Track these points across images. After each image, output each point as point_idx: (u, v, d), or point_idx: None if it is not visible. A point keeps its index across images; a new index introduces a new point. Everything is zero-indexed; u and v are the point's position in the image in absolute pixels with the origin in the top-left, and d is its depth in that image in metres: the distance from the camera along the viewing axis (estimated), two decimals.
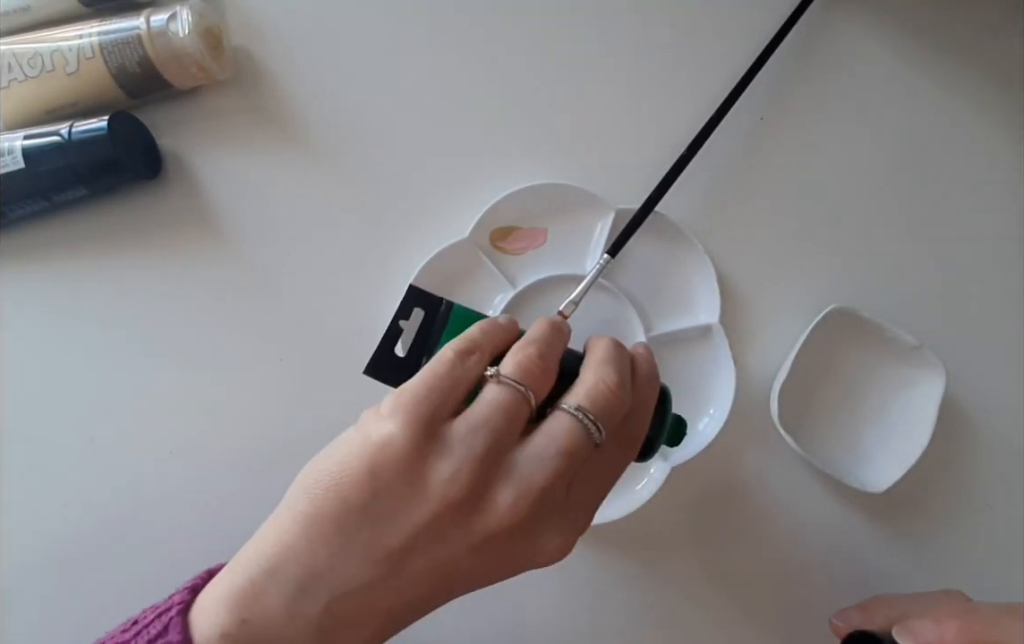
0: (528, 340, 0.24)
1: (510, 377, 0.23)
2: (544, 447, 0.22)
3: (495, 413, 0.22)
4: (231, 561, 0.22)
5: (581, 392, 0.23)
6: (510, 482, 0.21)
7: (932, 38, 0.42)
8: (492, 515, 0.21)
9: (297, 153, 0.38)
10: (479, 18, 0.40)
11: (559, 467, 0.22)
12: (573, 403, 0.23)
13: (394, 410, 0.21)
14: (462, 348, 0.23)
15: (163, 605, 0.22)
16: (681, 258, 0.38)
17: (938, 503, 0.39)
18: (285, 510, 0.22)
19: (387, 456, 0.21)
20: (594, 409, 0.23)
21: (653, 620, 0.37)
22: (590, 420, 0.23)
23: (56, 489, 0.35)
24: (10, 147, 0.33)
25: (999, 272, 0.41)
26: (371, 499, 0.21)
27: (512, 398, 0.22)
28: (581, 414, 0.23)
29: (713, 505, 0.38)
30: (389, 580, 0.21)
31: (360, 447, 0.21)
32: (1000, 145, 0.42)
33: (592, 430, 0.23)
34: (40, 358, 0.36)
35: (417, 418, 0.21)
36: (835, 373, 0.38)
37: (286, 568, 0.21)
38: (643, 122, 0.40)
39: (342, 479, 0.21)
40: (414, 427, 0.21)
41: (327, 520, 0.21)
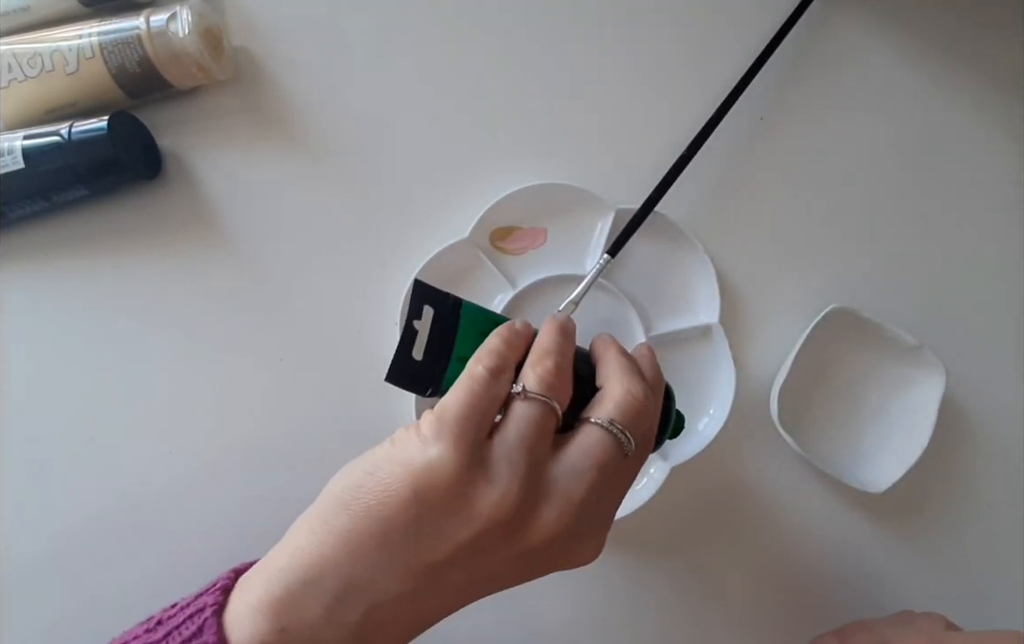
0: (544, 351, 0.25)
1: (537, 392, 0.23)
2: (580, 461, 0.23)
3: (529, 430, 0.22)
4: (260, 568, 0.23)
5: (611, 404, 0.24)
6: (552, 498, 0.22)
7: (932, 38, 0.42)
8: (536, 531, 0.22)
9: (297, 153, 0.38)
10: (479, 18, 0.40)
11: (595, 479, 0.22)
12: (604, 417, 0.23)
13: (439, 433, 0.21)
14: (494, 365, 0.23)
15: (192, 605, 0.22)
16: (681, 258, 0.38)
17: (938, 503, 0.39)
18: (321, 523, 0.22)
19: (434, 480, 0.21)
20: (625, 421, 0.23)
21: (653, 619, 0.37)
22: (622, 432, 0.23)
23: (56, 489, 0.35)
24: (10, 147, 0.33)
25: (999, 272, 0.41)
26: (415, 519, 0.21)
27: (542, 413, 0.23)
28: (614, 428, 0.23)
29: (713, 505, 0.38)
30: (428, 590, 0.22)
31: (404, 469, 0.21)
32: (1000, 145, 0.42)
33: (624, 442, 0.23)
34: (40, 358, 0.36)
35: (462, 441, 0.21)
36: (835, 373, 0.38)
37: (325, 579, 0.21)
38: (643, 122, 0.40)
39: (386, 499, 0.21)
40: (460, 451, 0.21)
41: (369, 537, 0.21)
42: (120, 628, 0.25)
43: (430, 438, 0.21)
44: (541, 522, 0.22)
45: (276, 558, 0.22)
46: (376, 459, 0.22)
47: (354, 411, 0.36)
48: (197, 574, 0.34)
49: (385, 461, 0.22)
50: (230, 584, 0.23)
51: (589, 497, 0.22)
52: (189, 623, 0.21)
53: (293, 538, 0.23)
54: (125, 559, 0.35)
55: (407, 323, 0.26)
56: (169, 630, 0.21)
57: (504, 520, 0.21)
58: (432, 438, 0.21)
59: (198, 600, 0.22)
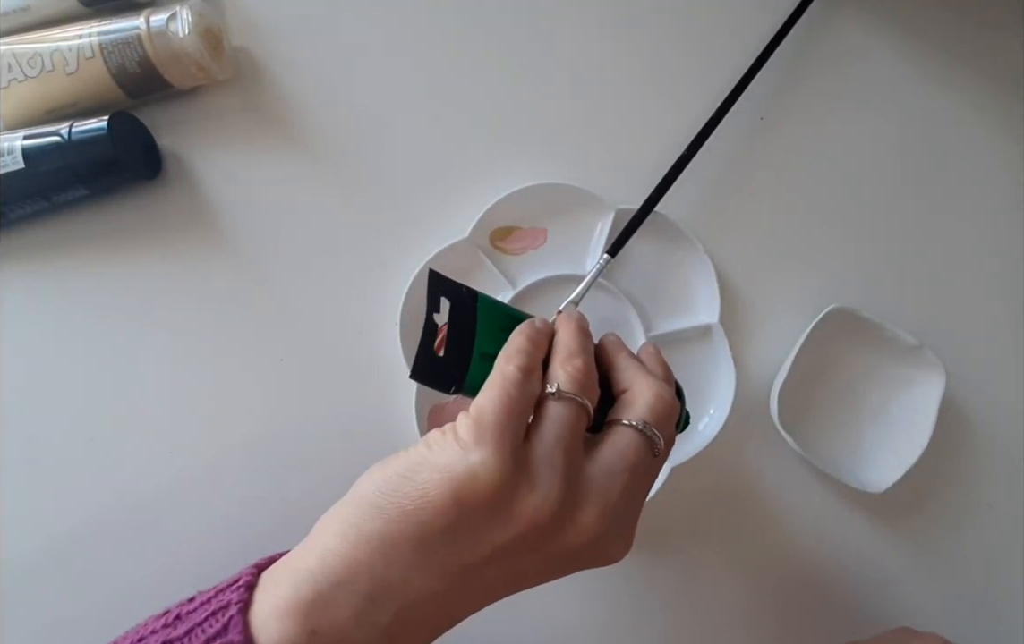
0: (571, 350, 0.25)
1: (570, 392, 0.23)
2: (615, 462, 0.23)
3: (565, 431, 0.23)
4: (286, 568, 0.22)
5: (643, 406, 0.24)
6: (590, 500, 0.22)
7: (932, 38, 0.42)
8: (574, 533, 0.22)
9: (297, 153, 0.38)
10: (479, 18, 0.40)
11: (628, 480, 0.23)
12: (637, 418, 0.24)
13: (480, 438, 0.21)
14: (525, 365, 0.23)
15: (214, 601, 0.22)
16: (681, 258, 0.38)
17: (938, 503, 0.39)
18: (352, 526, 0.22)
19: (476, 486, 0.21)
20: (656, 422, 0.24)
21: (652, 619, 0.37)
22: (654, 434, 0.24)
23: (56, 489, 0.35)
24: (10, 147, 0.33)
25: (999, 272, 0.41)
26: (454, 524, 0.21)
27: (575, 412, 0.23)
28: (647, 429, 0.24)
29: (713, 505, 0.38)
30: (460, 590, 0.22)
31: (444, 474, 0.21)
32: (1000, 145, 0.42)
33: (657, 443, 0.24)
34: (40, 358, 0.36)
35: (504, 446, 0.21)
36: (835, 373, 0.38)
37: (357, 581, 0.21)
38: (643, 122, 0.40)
39: (423, 505, 0.21)
40: (502, 457, 0.21)
41: (404, 541, 0.21)
42: (121, 628, 0.25)
43: (470, 443, 0.21)
44: (579, 524, 0.22)
45: (303, 558, 0.22)
46: (411, 463, 0.22)
47: (354, 411, 0.36)
48: (197, 574, 0.34)
49: (422, 466, 0.22)
50: (253, 580, 0.23)
51: (623, 497, 0.23)
52: (212, 621, 0.21)
53: (321, 538, 0.22)
54: (125, 559, 0.35)
55: (427, 317, 0.25)
56: (191, 626, 0.21)
57: (544, 522, 0.21)
58: (472, 443, 0.21)
59: (220, 596, 0.22)
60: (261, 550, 0.28)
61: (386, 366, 0.36)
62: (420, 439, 0.23)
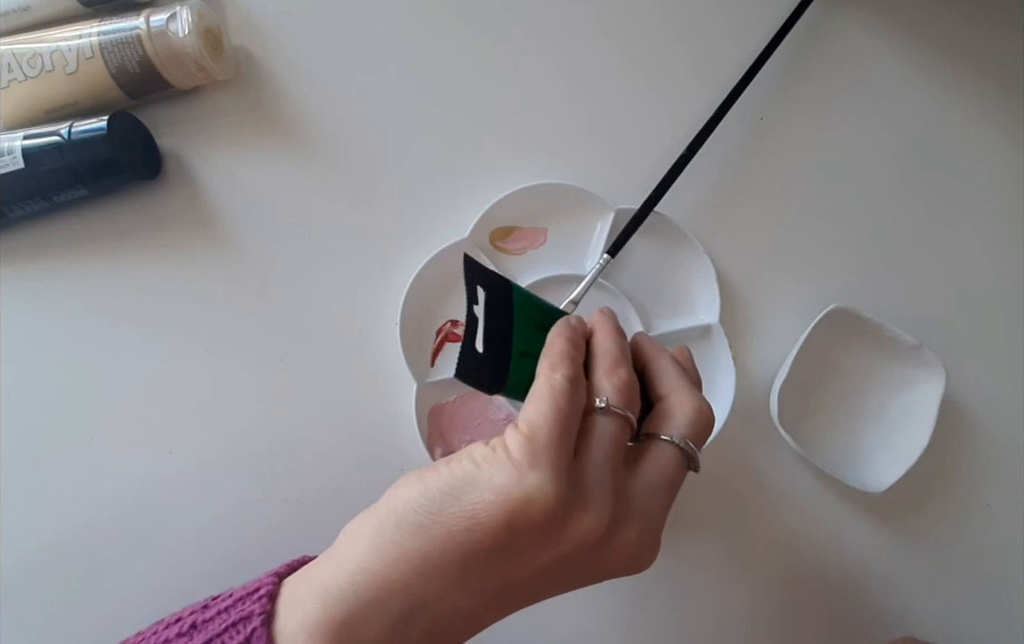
0: (615, 358, 0.24)
1: (618, 407, 0.23)
2: (656, 478, 0.23)
3: (613, 448, 0.22)
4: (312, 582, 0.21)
5: (683, 421, 0.24)
6: (634, 518, 0.22)
7: (931, 38, 0.42)
8: (617, 551, 0.22)
9: (297, 153, 0.38)
10: (479, 19, 0.40)
11: (667, 496, 0.23)
12: (678, 434, 0.23)
13: (535, 459, 0.20)
14: (572, 374, 0.23)
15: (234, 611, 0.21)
16: (681, 258, 0.38)
17: (938, 503, 0.39)
18: (390, 543, 0.21)
19: (532, 511, 0.20)
20: (695, 439, 0.24)
21: (651, 618, 0.37)
22: (694, 450, 0.23)
23: (56, 489, 0.35)
24: (10, 147, 0.33)
25: (999, 272, 0.41)
26: (503, 545, 0.20)
27: (621, 428, 0.23)
28: (687, 446, 0.23)
29: (712, 504, 0.38)
30: (495, 604, 0.21)
31: (497, 496, 0.20)
32: (1000, 145, 0.42)
33: (695, 459, 0.24)
34: (40, 358, 0.36)
35: (559, 468, 0.20)
36: (835, 373, 0.38)
37: (392, 601, 0.20)
38: (643, 122, 0.40)
39: (473, 526, 0.20)
40: (559, 479, 0.20)
41: (448, 563, 0.20)
42: (120, 627, 0.25)
43: (525, 465, 0.20)
44: (623, 541, 0.22)
45: (332, 574, 0.21)
46: (458, 480, 0.21)
47: (354, 411, 0.36)
48: (197, 573, 0.35)
49: (470, 485, 0.21)
50: (275, 589, 0.22)
51: (661, 512, 0.23)
52: (233, 631, 0.20)
53: (352, 553, 0.21)
54: (125, 559, 0.35)
55: (468, 310, 0.24)
56: (209, 637, 0.20)
57: (592, 542, 0.21)
58: (528, 465, 0.20)
59: (240, 606, 0.21)
60: (261, 550, 0.28)
61: (386, 366, 0.36)
62: (462, 453, 0.22)
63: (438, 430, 0.36)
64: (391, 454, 0.36)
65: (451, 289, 0.37)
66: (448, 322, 0.37)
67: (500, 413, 0.37)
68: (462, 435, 0.36)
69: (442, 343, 0.37)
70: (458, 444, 0.36)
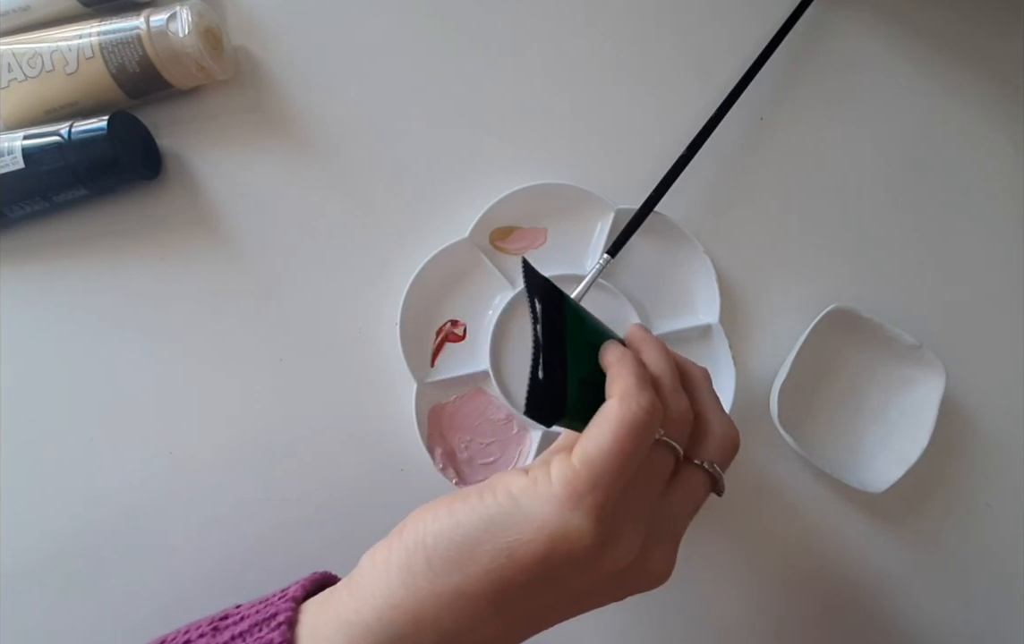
0: (674, 387, 0.23)
1: (672, 440, 0.22)
2: (687, 505, 0.23)
3: (658, 480, 0.22)
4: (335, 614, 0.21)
5: (715, 447, 0.23)
6: (661, 543, 0.22)
7: (931, 38, 0.42)
8: (644, 576, 0.21)
9: (297, 153, 0.38)
10: (479, 19, 0.40)
11: (691, 517, 0.23)
12: (709, 459, 0.23)
13: (580, 497, 0.19)
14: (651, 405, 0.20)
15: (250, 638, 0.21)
16: (681, 258, 0.38)
17: (938, 503, 0.39)
18: (423, 579, 0.20)
19: (570, 550, 0.19)
20: (723, 464, 0.24)
21: (650, 618, 0.37)
22: (720, 474, 0.23)
23: (56, 489, 0.35)
24: (10, 147, 0.33)
25: (999, 272, 0.41)
26: (539, 581, 0.20)
27: (671, 460, 0.22)
28: (715, 470, 0.23)
29: (712, 504, 0.37)
30: (522, 630, 0.21)
31: (536, 532, 0.19)
32: (1000, 145, 0.42)
33: (721, 484, 0.23)
34: (40, 358, 0.36)
35: (604, 507, 0.19)
36: (835, 373, 0.38)
37: (423, 635, 0.20)
38: (643, 122, 0.40)
39: (510, 563, 0.19)
40: (601, 517, 0.19)
41: (482, 597, 0.20)
42: (119, 627, 0.24)
43: (567, 502, 0.19)
44: (648, 568, 0.21)
45: (357, 608, 0.20)
46: (493, 517, 0.20)
47: (354, 411, 0.36)
48: (197, 573, 0.35)
49: (508, 522, 0.20)
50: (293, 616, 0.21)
51: (683, 532, 0.23)
52: None
53: (379, 589, 0.20)
54: (125, 559, 0.35)
55: (534, 330, 0.21)
56: None
57: (617, 571, 0.21)
58: (570, 502, 0.19)
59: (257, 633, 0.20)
60: (261, 550, 0.28)
61: (386, 366, 0.36)
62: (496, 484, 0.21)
63: (438, 430, 0.36)
64: (391, 454, 0.36)
65: (451, 289, 0.37)
66: (448, 322, 0.37)
67: (500, 413, 0.37)
68: (462, 435, 0.36)
69: (442, 343, 0.37)
70: (458, 444, 0.36)
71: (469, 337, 0.37)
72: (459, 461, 0.36)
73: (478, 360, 0.36)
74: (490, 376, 0.36)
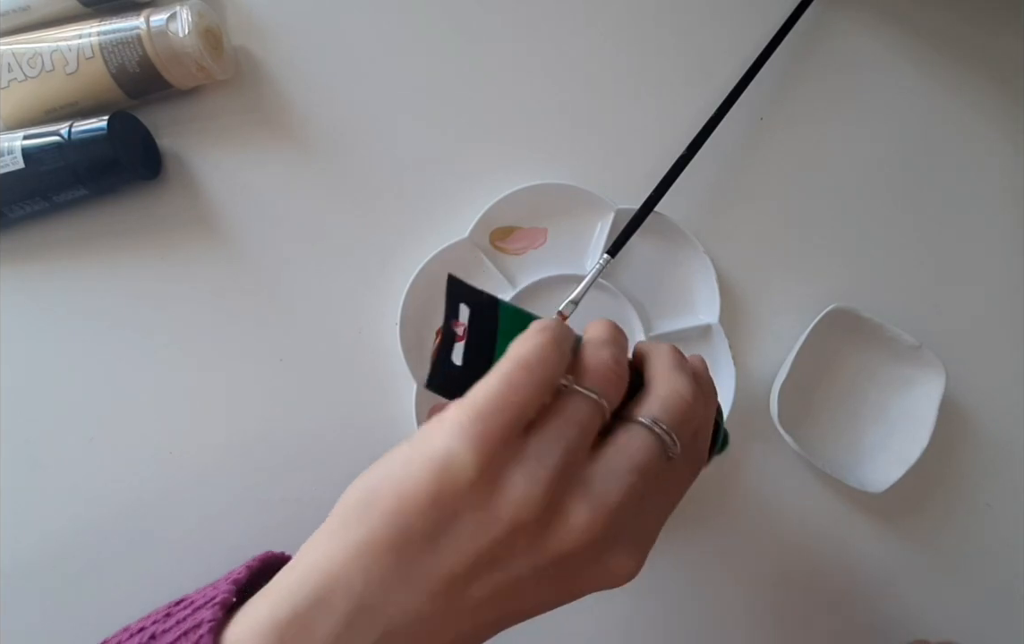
0: (600, 340, 0.22)
1: (586, 387, 0.21)
2: (619, 461, 0.20)
3: (570, 427, 0.20)
4: (268, 587, 0.20)
5: (655, 403, 0.21)
6: (584, 500, 0.19)
7: (931, 38, 0.42)
8: (564, 535, 0.19)
9: (297, 153, 0.38)
10: (479, 18, 0.40)
11: (634, 483, 0.20)
12: (647, 415, 0.21)
13: (460, 427, 0.19)
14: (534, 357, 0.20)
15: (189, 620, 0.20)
16: (681, 258, 0.38)
17: (938, 503, 0.39)
18: (331, 536, 0.20)
19: (453, 478, 0.19)
20: (670, 421, 0.21)
21: (650, 618, 0.37)
22: (665, 432, 0.21)
23: (56, 489, 0.35)
24: (10, 147, 0.33)
25: (999, 272, 0.41)
26: (434, 524, 0.19)
27: (587, 409, 0.20)
28: (657, 426, 0.21)
29: (712, 505, 0.38)
30: (448, 611, 0.20)
31: (421, 469, 0.19)
32: (1000, 145, 0.42)
33: (668, 442, 0.21)
34: (40, 358, 0.36)
35: (486, 436, 0.19)
36: (835, 373, 0.38)
37: (334, 599, 0.19)
38: (643, 122, 0.40)
39: (402, 504, 0.19)
40: (483, 446, 0.19)
41: (383, 547, 0.19)
42: (120, 628, 0.24)
43: (454, 431, 0.19)
44: (568, 525, 0.19)
45: (285, 576, 0.20)
46: (392, 461, 0.20)
47: (354, 411, 0.36)
48: (197, 573, 0.34)
49: (402, 462, 0.20)
50: (228, 597, 0.21)
51: (626, 502, 0.20)
52: (184, 641, 0.19)
53: (304, 555, 0.20)
54: (125, 559, 0.35)
55: (446, 324, 0.24)
56: None
57: (527, 522, 0.19)
58: (456, 431, 0.19)
59: (195, 614, 0.20)
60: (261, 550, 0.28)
61: (386, 366, 0.36)
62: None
63: None
64: None
65: None
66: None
67: None
68: None
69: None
70: None
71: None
72: None
73: None
74: None
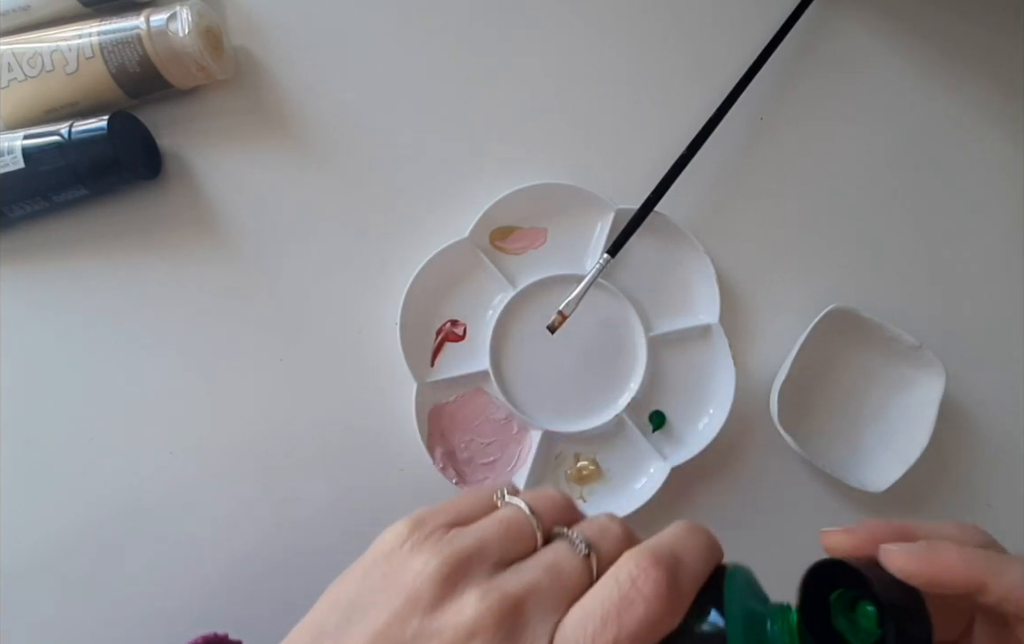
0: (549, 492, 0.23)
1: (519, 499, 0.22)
2: (529, 562, 0.20)
3: (492, 523, 0.21)
4: None
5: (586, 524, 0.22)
6: (479, 586, 0.19)
7: (931, 38, 0.42)
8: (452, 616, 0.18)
9: (297, 153, 0.38)
10: (479, 18, 0.40)
11: (537, 579, 0.19)
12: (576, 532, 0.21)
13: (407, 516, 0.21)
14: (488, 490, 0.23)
15: None
16: (681, 258, 0.38)
17: (938, 503, 0.39)
18: None
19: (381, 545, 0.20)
20: (587, 530, 0.21)
21: None
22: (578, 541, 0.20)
23: (56, 489, 0.35)
24: (10, 147, 0.33)
25: (999, 272, 0.41)
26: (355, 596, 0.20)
27: (512, 513, 0.21)
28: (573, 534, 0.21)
29: (713, 505, 0.38)
30: None
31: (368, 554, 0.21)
32: (1000, 145, 0.42)
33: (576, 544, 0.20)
34: (40, 358, 0.36)
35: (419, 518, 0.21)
36: (835, 373, 0.38)
37: None
38: (643, 122, 0.40)
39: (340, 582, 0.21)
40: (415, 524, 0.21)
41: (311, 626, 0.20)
42: (120, 626, 0.25)
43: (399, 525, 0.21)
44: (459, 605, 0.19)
45: None
46: None
47: (354, 411, 0.36)
48: (197, 574, 0.35)
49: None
50: None
51: (525, 598, 0.19)
52: None
53: None
54: (125, 560, 0.35)
55: None
56: None
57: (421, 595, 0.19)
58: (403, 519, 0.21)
59: None
60: (261, 550, 0.28)
61: (386, 366, 0.36)
62: None
63: (438, 430, 0.36)
64: (391, 454, 0.36)
65: (451, 289, 0.37)
66: (448, 322, 0.37)
67: (500, 413, 0.37)
68: (462, 435, 0.36)
69: (442, 343, 0.37)
70: (458, 444, 0.36)
71: (469, 337, 0.37)
72: (459, 461, 0.36)
73: (478, 360, 0.36)
74: (490, 376, 0.36)
